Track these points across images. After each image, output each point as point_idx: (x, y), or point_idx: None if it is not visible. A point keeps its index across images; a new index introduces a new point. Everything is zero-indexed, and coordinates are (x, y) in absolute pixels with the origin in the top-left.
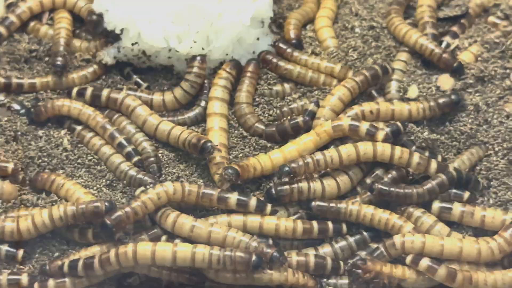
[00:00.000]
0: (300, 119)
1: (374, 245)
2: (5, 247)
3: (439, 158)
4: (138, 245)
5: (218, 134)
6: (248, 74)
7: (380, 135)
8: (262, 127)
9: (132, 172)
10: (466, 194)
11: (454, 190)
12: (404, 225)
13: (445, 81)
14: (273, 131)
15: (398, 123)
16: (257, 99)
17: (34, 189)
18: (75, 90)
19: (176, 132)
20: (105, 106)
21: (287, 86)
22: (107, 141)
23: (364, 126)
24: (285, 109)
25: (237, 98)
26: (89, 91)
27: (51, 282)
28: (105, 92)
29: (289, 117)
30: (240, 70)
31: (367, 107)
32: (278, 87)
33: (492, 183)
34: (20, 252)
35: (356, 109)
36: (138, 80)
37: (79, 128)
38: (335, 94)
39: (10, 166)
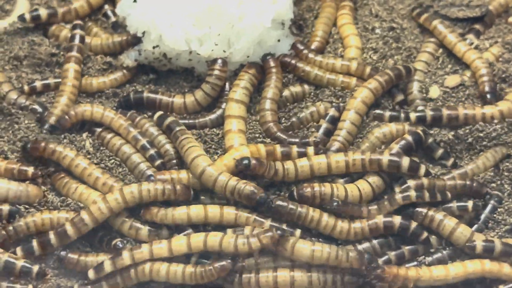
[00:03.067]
0: (311, 138)
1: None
2: (21, 263)
3: (451, 161)
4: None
5: (237, 136)
6: (274, 69)
7: (295, 150)
8: (275, 129)
9: (149, 172)
10: (470, 204)
11: (457, 203)
12: None
13: (452, 79)
14: (283, 139)
15: (419, 131)
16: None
17: (56, 190)
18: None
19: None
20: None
21: (293, 90)
22: (127, 141)
23: (278, 149)
24: (294, 119)
25: (264, 92)
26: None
27: None
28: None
29: (302, 129)
30: (262, 72)
31: (488, 110)
32: (286, 93)
33: None
34: (35, 268)
35: (476, 112)
36: None
37: (99, 130)
38: (358, 97)
39: (30, 170)
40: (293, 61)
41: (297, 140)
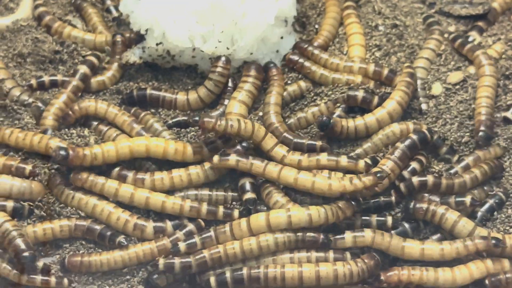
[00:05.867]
0: (319, 143)
1: None
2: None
3: (456, 158)
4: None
5: None
6: (276, 77)
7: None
8: (282, 130)
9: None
10: (468, 199)
11: (457, 198)
12: None
13: (455, 75)
14: (290, 140)
15: (425, 130)
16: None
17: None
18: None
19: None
20: None
21: (290, 89)
22: (122, 132)
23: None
24: (292, 120)
25: (266, 98)
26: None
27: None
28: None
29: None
30: (263, 73)
31: None
32: (284, 94)
33: None
34: (40, 264)
35: None
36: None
37: (95, 123)
38: (393, 99)
39: (28, 168)
40: (300, 60)
41: (303, 141)
